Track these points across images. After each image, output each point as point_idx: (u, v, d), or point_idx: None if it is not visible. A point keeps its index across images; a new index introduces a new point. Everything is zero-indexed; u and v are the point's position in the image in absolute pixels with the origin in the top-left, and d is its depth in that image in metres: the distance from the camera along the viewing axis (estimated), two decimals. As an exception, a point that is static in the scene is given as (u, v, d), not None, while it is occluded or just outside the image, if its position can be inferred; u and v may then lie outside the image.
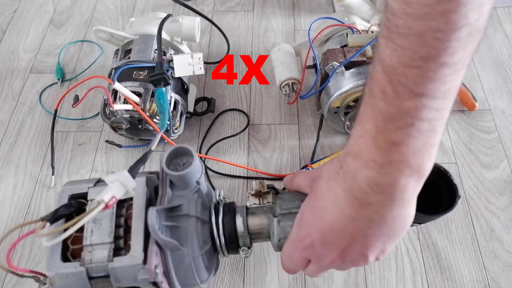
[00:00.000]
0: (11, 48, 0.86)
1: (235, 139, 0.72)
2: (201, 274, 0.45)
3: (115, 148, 0.70)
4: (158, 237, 0.40)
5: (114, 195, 0.37)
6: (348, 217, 0.36)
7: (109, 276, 0.40)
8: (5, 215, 0.64)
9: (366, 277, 0.58)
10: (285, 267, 0.45)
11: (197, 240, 0.44)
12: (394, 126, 0.31)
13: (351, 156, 0.35)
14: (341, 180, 0.36)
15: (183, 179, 0.45)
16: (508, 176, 0.67)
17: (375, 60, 0.32)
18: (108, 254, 0.40)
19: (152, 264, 0.39)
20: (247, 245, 0.47)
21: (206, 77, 0.80)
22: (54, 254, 0.41)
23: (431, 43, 0.28)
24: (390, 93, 0.31)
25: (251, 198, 0.49)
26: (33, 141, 0.72)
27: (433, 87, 0.30)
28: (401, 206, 0.34)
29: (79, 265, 0.40)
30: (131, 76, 0.63)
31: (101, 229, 0.41)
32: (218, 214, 0.46)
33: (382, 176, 0.33)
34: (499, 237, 0.61)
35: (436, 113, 0.31)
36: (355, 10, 0.69)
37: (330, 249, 0.39)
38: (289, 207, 0.45)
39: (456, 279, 0.58)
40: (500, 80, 0.79)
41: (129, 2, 0.94)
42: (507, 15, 0.89)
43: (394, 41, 0.30)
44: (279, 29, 0.88)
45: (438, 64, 0.29)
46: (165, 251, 0.42)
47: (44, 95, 0.78)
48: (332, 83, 0.63)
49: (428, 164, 0.33)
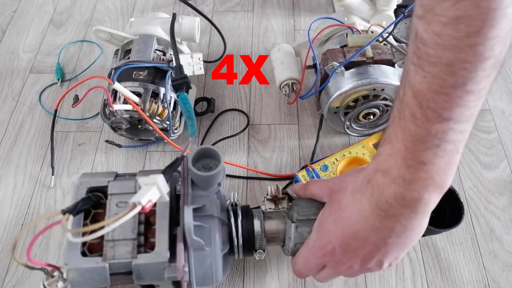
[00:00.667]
0: (11, 48, 0.86)
1: (235, 139, 0.72)
2: (218, 274, 0.46)
3: (115, 148, 0.70)
4: (190, 237, 0.40)
5: (151, 199, 0.36)
6: (371, 227, 0.39)
7: (131, 273, 0.39)
8: (5, 215, 0.64)
9: (366, 277, 0.58)
10: (299, 271, 0.47)
11: (219, 241, 0.45)
12: (423, 147, 0.34)
13: (380, 172, 0.37)
14: (369, 194, 0.38)
15: (209, 180, 0.45)
16: (508, 176, 0.67)
17: (405, 84, 0.35)
18: (131, 250, 0.40)
19: (181, 262, 0.39)
20: (263, 248, 0.48)
21: (206, 77, 0.80)
22: (73, 248, 0.40)
23: (460, 72, 0.31)
24: (419, 117, 0.33)
25: (267, 202, 0.50)
26: (33, 141, 0.72)
27: (459, 112, 0.32)
28: (421, 218, 0.38)
29: (101, 260, 0.39)
30: (131, 76, 0.63)
31: (123, 225, 0.38)
32: (237, 216, 0.48)
33: (409, 192, 0.35)
34: (499, 237, 0.61)
35: (460, 135, 0.34)
36: (355, 10, 0.69)
37: (350, 256, 0.41)
38: (307, 213, 0.47)
39: (456, 279, 0.58)
40: (500, 80, 0.79)
41: (129, 2, 0.94)
42: (507, 15, 0.89)
43: (424, 69, 0.32)
44: (279, 29, 0.88)
45: (465, 92, 0.32)
46: (189, 251, 0.42)
47: (44, 95, 0.78)
48: (332, 83, 0.63)
49: (449, 180, 0.36)
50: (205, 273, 0.44)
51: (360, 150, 0.66)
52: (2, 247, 0.61)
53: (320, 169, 0.64)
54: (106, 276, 0.39)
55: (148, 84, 0.62)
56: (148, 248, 0.41)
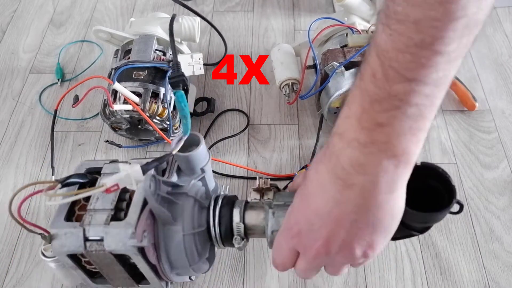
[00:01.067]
0: (11, 48, 0.86)
1: (235, 139, 0.72)
2: (192, 256, 0.46)
3: (115, 148, 0.70)
4: (151, 201, 0.42)
5: (118, 184, 0.40)
6: (332, 200, 0.35)
7: (103, 239, 0.42)
8: (5, 215, 0.64)
9: (366, 277, 0.58)
10: (275, 262, 0.43)
11: (191, 219, 0.46)
12: (381, 108, 0.31)
13: (337, 136, 0.35)
14: (327, 161, 0.35)
15: (189, 161, 0.48)
16: (508, 176, 0.67)
17: (371, 45, 0.32)
18: (106, 218, 0.43)
19: (141, 227, 0.42)
20: (240, 235, 0.47)
21: (206, 77, 0.80)
22: (60, 214, 0.45)
23: (427, 31, 0.29)
24: (380, 77, 0.31)
25: (253, 193, 0.49)
26: (33, 141, 0.72)
27: (425, 73, 0.30)
28: (386, 192, 0.34)
29: (78, 225, 0.43)
30: (131, 76, 0.63)
31: (105, 198, 0.45)
32: (217, 203, 0.48)
33: (365, 156, 0.33)
34: (499, 237, 0.61)
35: (425, 99, 0.31)
36: (355, 10, 0.69)
37: (315, 238, 0.37)
38: (285, 200, 0.46)
39: (456, 279, 0.58)
40: (500, 80, 0.79)
41: (129, 2, 0.94)
42: (507, 15, 0.89)
43: (390, 27, 0.30)
44: (279, 29, 0.88)
45: (432, 52, 0.29)
46: (157, 224, 0.44)
47: (44, 95, 0.78)
48: (332, 83, 0.63)
49: (413, 150, 0.33)
50: (175, 250, 0.45)
51: (360, 150, 0.66)
52: (2, 247, 0.61)
53: (320, 169, 0.64)
54: (81, 240, 0.43)
55: (148, 84, 0.62)
56: None
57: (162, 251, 0.45)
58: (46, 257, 0.48)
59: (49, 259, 0.48)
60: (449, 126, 0.73)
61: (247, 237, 0.48)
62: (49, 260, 0.48)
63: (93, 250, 0.43)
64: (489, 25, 0.88)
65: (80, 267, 0.47)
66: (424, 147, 0.70)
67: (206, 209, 0.48)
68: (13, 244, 0.61)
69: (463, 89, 0.74)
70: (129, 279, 0.48)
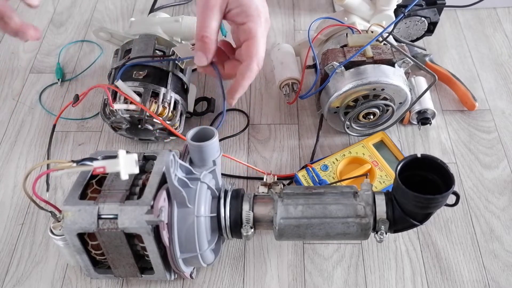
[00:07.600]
0: (11, 48, 0.86)
1: (235, 139, 0.72)
2: (202, 241, 0.48)
3: (115, 148, 0.70)
4: (169, 176, 0.43)
5: (105, 167, 0.41)
6: None
7: (117, 217, 0.44)
8: (5, 215, 0.64)
9: (366, 276, 0.58)
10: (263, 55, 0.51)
11: (204, 204, 0.48)
12: None
13: None
14: None
15: (202, 152, 0.50)
16: (508, 176, 0.67)
17: None
18: (121, 197, 0.45)
19: (158, 203, 0.43)
20: (249, 222, 0.50)
21: (206, 77, 0.80)
22: (74, 193, 0.46)
23: None
24: None
25: (261, 187, 0.53)
26: (33, 141, 0.72)
27: None
28: None
29: (93, 203, 0.45)
30: (131, 76, 0.63)
31: (120, 182, 0.47)
32: (227, 193, 0.52)
33: None
34: (499, 237, 0.61)
35: None
36: (355, 10, 0.69)
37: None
38: (294, 191, 0.50)
39: (456, 279, 0.58)
40: (500, 80, 0.79)
41: (129, 2, 0.94)
42: (507, 15, 0.89)
43: None
44: (279, 29, 0.88)
45: None
46: (172, 204, 0.46)
47: (44, 95, 0.78)
48: (331, 83, 0.63)
49: None
50: (187, 233, 0.47)
51: (360, 150, 0.66)
52: (2, 247, 0.61)
53: (320, 169, 0.64)
54: (94, 217, 0.44)
55: (148, 84, 0.62)
56: None
57: (174, 233, 0.46)
58: (54, 235, 0.49)
59: (58, 237, 0.49)
60: (449, 126, 0.73)
61: (255, 227, 0.51)
62: (58, 238, 0.49)
63: (105, 228, 0.44)
64: (489, 25, 0.88)
65: (86, 252, 0.48)
66: (424, 146, 0.70)
67: (217, 198, 0.51)
68: (13, 244, 0.61)
69: (463, 89, 0.74)
70: (134, 267, 0.49)
